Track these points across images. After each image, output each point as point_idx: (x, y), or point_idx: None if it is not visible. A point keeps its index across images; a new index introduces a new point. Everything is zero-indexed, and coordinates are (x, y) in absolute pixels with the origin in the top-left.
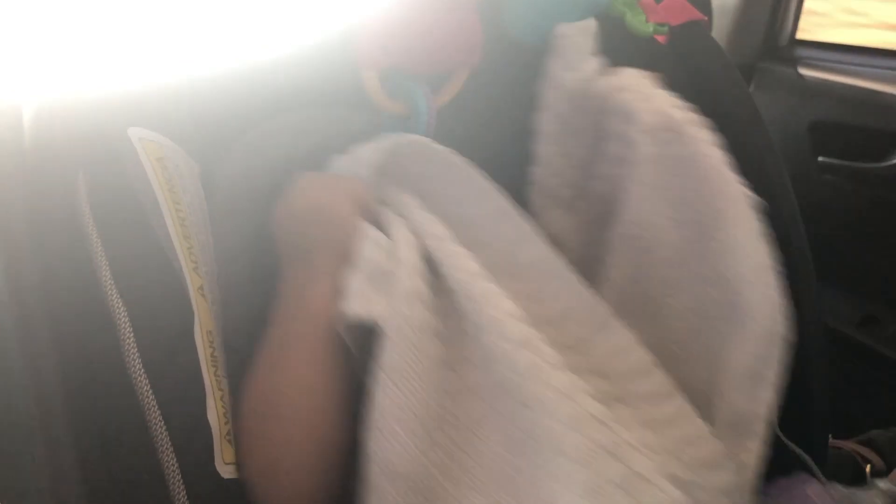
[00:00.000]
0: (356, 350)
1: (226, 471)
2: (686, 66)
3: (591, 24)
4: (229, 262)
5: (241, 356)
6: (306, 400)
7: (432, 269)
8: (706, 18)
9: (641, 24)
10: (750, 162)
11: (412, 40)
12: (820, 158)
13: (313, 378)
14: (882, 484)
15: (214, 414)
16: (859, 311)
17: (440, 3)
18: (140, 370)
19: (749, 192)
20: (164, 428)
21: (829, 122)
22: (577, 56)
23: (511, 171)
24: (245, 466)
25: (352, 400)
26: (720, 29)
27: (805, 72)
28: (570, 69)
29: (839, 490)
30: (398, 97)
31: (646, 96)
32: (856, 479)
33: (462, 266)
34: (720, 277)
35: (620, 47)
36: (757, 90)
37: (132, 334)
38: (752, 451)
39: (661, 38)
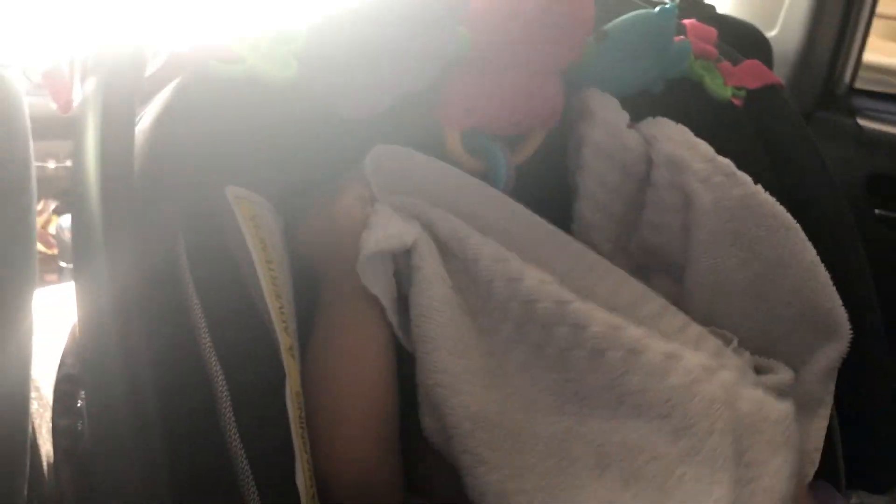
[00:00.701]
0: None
1: None
2: (761, 130)
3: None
4: (306, 320)
5: None
6: (354, 368)
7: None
8: (782, 83)
9: (720, 87)
10: (822, 225)
11: (494, 104)
12: (877, 211)
13: (358, 349)
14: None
15: (302, 478)
16: None
17: (525, 67)
18: (234, 430)
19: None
20: (256, 491)
21: (887, 175)
22: (610, 113)
23: None
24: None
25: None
26: (778, 75)
27: (864, 122)
28: (605, 126)
29: (860, 495)
30: (477, 154)
31: (689, 144)
32: None
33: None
34: (798, 296)
35: (697, 110)
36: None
37: (228, 395)
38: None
39: (737, 102)
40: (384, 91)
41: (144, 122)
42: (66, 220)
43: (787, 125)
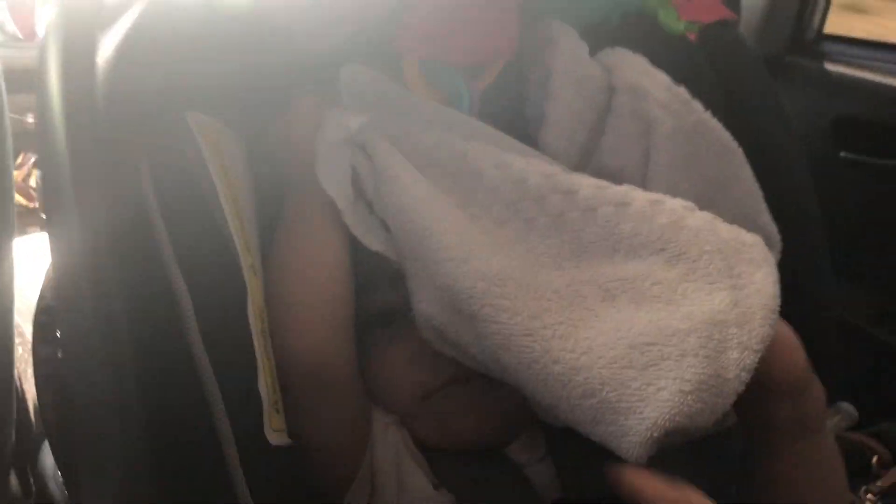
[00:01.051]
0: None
1: (273, 437)
2: (715, 63)
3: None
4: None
5: None
6: (309, 260)
7: None
8: (736, 17)
9: (673, 21)
10: (772, 157)
11: (452, 34)
12: (842, 154)
13: (313, 244)
14: (844, 405)
15: (264, 385)
16: (876, 306)
17: (481, 1)
18: (199, 342)
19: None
20: (220, 396)
21: (853, 118)
22: (573, 42)
23: None
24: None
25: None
26: (748, 22)
27: (831, 67)
28: (570, 53)
29: None
30: (437, 86)
31: (648, 73)
32: (862, 470)
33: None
34: (737, 212)
35: (652, 44)
36: (783, 84)
37: (192, 307)
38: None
39: (691, 36)
40: (342, 22)
41: (105, 50)
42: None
43: (741, 58)
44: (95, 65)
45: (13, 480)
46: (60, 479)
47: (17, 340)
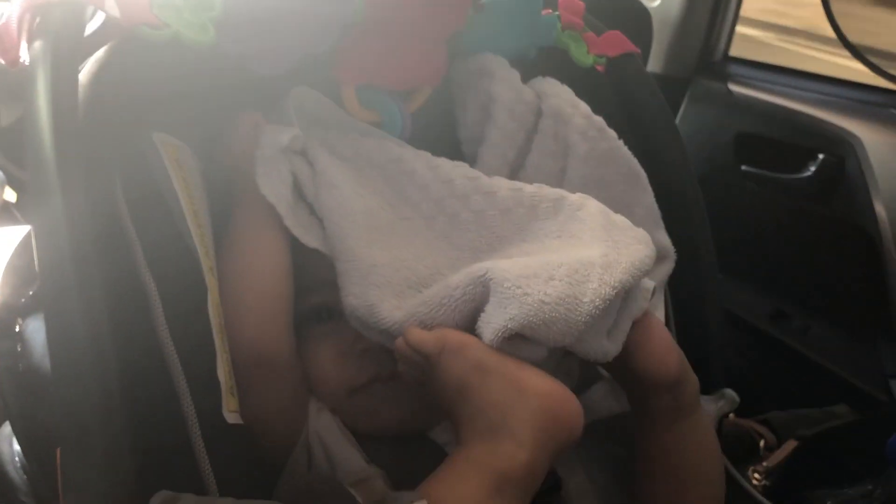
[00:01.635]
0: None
1: (230, 417)
2: (619, 92)
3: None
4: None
5: None
6: (251, 262)
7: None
8: (639, 50)
9: (583, 55)
10: (666, 169)
11: (386, 64)
12: (743, 167)
13: (255, 248)
14: (727, 391)
15: (222, 371)
16: (771, 307)
17: (414, 35)
18: (166, 333)
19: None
20: (185, 381)
21: (752, 135)
22: (507, 72)
23: None
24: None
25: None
26: (660, 44)
27: (734, 87)
28: (507, 82)
29: None
30: (371, 107)
31: (572, 103)
32: (750, 452)
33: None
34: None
35: (565, 76)
36: (690, 102)
37: (160, 304)
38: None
39: (599, 68)
40: (290, 52)
41: (83, 77)
42: None
43: (642, 87)
44: (77, 87)
45: None
46: (18, 464)
47: None
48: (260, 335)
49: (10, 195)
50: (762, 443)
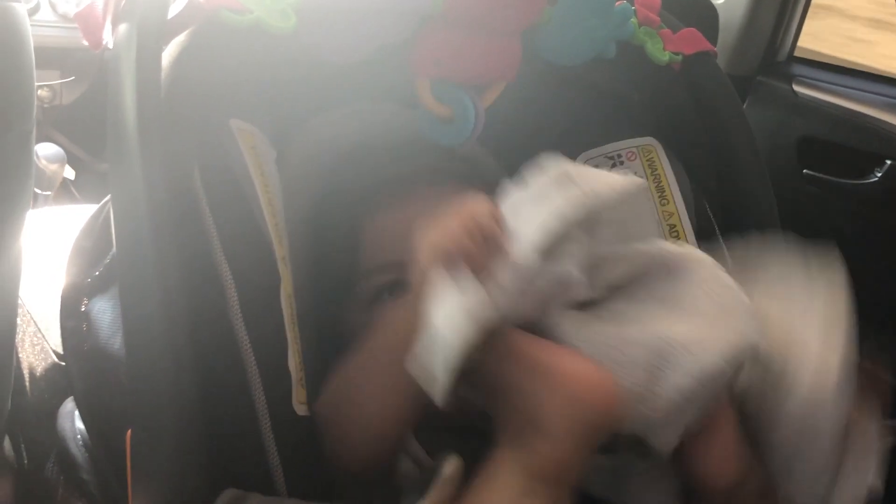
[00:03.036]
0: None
1: (300, 409)
2: (695, 92)
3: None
4: (292, 234)
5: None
6: (374, 410)
7: None
8: (715, 49)
9: (659, 52)
10: (742, 181)
11: (461, 58)
12: (805, 171)
13: (382, 395)
14: None
15: (293, 363)
16: None
17: (490, 27)
18: (240, 321)
19: None
20: (257, 370)
21: (816, 138)
22: None
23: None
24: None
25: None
26: (724, 43)
27: (799, 88)
28: None
29: None
30: (444, 102)
31: None
32: None
33: None
34: None
35: (639, 73)
36: (753, 103)
37: (235, 292)
38: None
39: (675, 66)
40: (366, 41)
41: (166, 60)
42: (41, 148)
43: (719, 88)
44: (160, 70)
45: (7, 445)
46: (80, 442)
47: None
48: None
49: (69, 172)
50: None
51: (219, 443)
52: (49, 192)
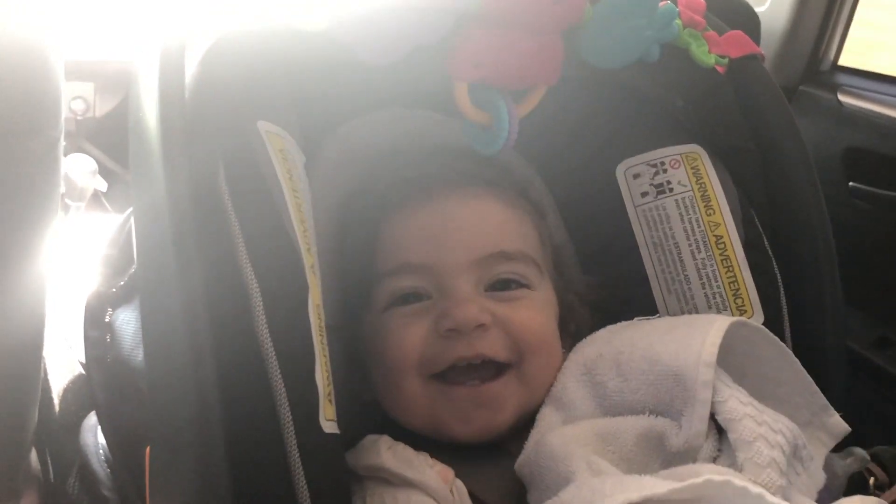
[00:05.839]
0: None
1: (327, 426)
2: (740, 96)
3: None
4: (320, 240)
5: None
6: None
7: None
8: (762, 53)
9: (704, 54)
10: (792, 192)
11: (501, 59)
12: (851, 183)
13: None
14: (857, 450)
15: (321, 376)
16: (875, 333)
17: (530, 27)
18: (266, 333)
19: None
20: (283, 385)
21: (863, 150)
22: None
23: (580, 174)
24: None
25: None
26: (765, 49)
27: (844, 98)
28: None
29: None
30: (482, 107)
31: None
32: (859, 490)
33: None
34: None
35: (685, 77)
36: (796, 113)
37: (261, 303)
38: None
39: (720, 69)
40: (400, 41)
41: (191, 62)
42: (73, 159)
43: (767, 92)
44: (184, 73)
45: (33, 458)
46: (102, 457)
47: None
48: None
49: (101, 184)
50: (871, 480)
51: (241, 462)
52: (81, 203)
